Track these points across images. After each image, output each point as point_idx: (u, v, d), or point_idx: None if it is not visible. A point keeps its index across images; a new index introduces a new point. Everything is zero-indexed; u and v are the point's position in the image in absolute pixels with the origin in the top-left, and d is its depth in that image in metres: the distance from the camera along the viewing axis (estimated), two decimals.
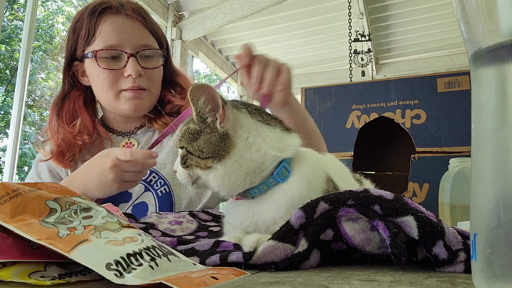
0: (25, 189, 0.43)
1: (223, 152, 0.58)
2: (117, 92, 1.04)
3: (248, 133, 0.60)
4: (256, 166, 0.59)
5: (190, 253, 0.49)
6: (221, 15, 3.87)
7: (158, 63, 1.08)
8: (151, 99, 1.07)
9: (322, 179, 0.61)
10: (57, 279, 0.37)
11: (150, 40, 1.08)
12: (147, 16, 1.09)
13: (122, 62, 1.02)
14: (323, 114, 2.13)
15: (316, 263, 0.48)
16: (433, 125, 1.86)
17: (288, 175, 0.60)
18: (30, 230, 0.37)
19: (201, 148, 0.59)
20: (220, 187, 0.60)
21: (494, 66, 0.32)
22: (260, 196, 0.60)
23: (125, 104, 1.04)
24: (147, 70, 1.05)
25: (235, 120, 0.60)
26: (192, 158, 0.60)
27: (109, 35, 1.02)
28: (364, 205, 0.47)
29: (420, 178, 1.80)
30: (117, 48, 1.02)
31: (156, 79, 1.09)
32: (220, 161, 0.58)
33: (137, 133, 1.13)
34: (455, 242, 0.45)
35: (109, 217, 0.44)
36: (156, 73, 1.08)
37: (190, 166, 0.60)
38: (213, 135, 0.59)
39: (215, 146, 0.58)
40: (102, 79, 1.03)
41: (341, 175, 0.71)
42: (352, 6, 3.65)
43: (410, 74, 4.46)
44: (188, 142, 0.61)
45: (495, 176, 0.31)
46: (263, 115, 0.64)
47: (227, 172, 0.58)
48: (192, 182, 0.62)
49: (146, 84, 1.05)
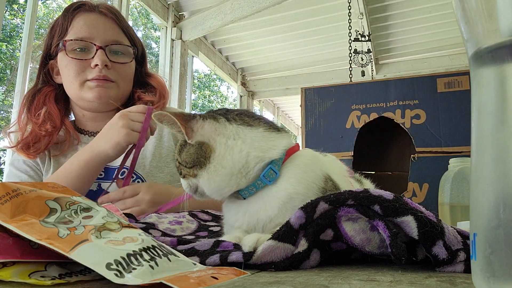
0: (25, 189, 0.43)
1: (203, 159, 0.61)
2: (82, 81, 1.05)
3: (226, 138, 0.61)
4: (240, 167, 0.60)
5: (190, 253, 0.49)
6: (221, 15, 3.87)
7: (127, 60, 1.10)
8: (119, 92, 1.08)
9: (318, 177, 0.61)
10: (57, 279, 0.37)
11: (121, 37, 1.10)
12: (121, 17, 1.13)
13: (91, 54, 1.05)
14: (323, 114, 2.14)
15: (316, 263, 0.48)
16: (433, 125, 1.87)
17: (276, 177, 0.60)
18: (31, 230, 0.37)
19: (184, 159, 0.63)
20: (210, 191, 0.63)
21: (494, 66, 0.32)
22: (251, 197, 0.61)
23: (89, 92, 1.05)
24: (115, 64, 1.07)
25: (210, 129, 0.62)
26: (183, 169, 0.64)
27: (81, 28, 1.05)
28: (364, 205, 0.47)
29: (420, 178, 1.80)
30: (86, 40, 1.04)
31: (125, 74, 1.10)
32: (202, 167, 0.61)
33: None
34: (455, 242, 0.45)
35: (109, 217, 0.44)
36: (125, 68, 1.09)
37: (186, 176, 0.64)
38: (190, 147, 0.62)
39: (194, 155, 0.61)
40: (69, 68, 1.05)
41: (341, 175, 0.71)
42: (352, 6, 3.65)
43: (410, 74, 4.46)
44: (178, 154, 0.65)
45: (495, 176, 0.31)
46: (245, 118, 0.64)
47: (211, 175, 0.61)
48: (194, 192, 0.65)
49: (114, 76, 1.06)
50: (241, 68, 5.57)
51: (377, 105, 2.02)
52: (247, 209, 0.61)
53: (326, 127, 2.11)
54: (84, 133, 1.16)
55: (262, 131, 0.62)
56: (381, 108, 2.01)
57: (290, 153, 0.62)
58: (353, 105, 2.08)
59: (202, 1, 3.95)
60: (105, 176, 1.08)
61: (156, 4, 3.79)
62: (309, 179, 0.60)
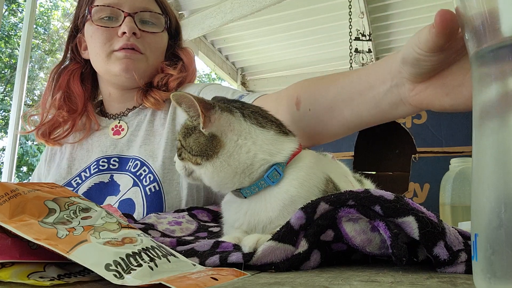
0: (24, 189, 0.42)
1: (211, 152, 0.60)
2: (110, 52, 0.97)
3: (238, 136, 0.61)
4: (245, 167, 0.60)
5: (190, 254, 0.49)
6: (221, 14, 3.86)
7: (158, 29, 1.01)
8: (148, 65, 1.00)
9: (320, 180, 0.61)
10: (56, 279, 0.36)
11: (152, 5, 1.01)
12: None
13: (119, 23, 0.96)
14: None
15: (317, 264, 0.48)
16: (434, 125, 1.86)
17: (280, 178, 0.60)
18: (29, 231, 0.37)
19: (190, 146, 0.62)
20: (210, 183, 0.63)
21: (495, 65, 0.32)
22: (252, 196, 0.61)
23: (116, 64, 0.97)
24: (145, 33, 0.98)
25: (225, 122, 0.61)
26: (185, 152, 0.63)
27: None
28: (365, 206, 0.47)
29: (421, 178, 1.80)
30: (114, 6, 0.96)
31: (155, 45, 1.01)
32: (208, 159, 0.60)
33: (128, 116, 1.05)
34: (456, 242, 0.45)
35: (108, 218, 0.44)
36: (156, 39, 1.01)
37: (184, 159, 0.63)
38: (201, 135, 0.61)
39: (203, 146, 0.60)
40: (95, 38, 0.98)
41: (341, 175, 0.71)
42: (352, 5, 3.64)
43: None
44: (183, 136, 0.63)
45: (496, 176, 0.31)
46: (259, 117, 0.64)
47: (216, 170, 0.60)
48: (187, 175, 0.64)
49: (143, 47, 0.98)
50: (241, 67, 5.57)
51: None
52: (248, 208, 0.61)
53: None
54: (109, 117, 1.08)
55: (272, 134, 0.62)
56: None
57: (293, 155, 0.62)
58: None
59: (201, 1, 3.95)
60: (118, 167, 1.00)
61: None
62: (311, 181, 0.60)
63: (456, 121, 1.84)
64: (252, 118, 0.63)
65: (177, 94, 0.60)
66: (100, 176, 0.99)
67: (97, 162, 1.01)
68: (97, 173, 0.99)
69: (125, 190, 0.95)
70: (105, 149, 1.02)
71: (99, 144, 1.04)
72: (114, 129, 1.04)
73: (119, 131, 1.03)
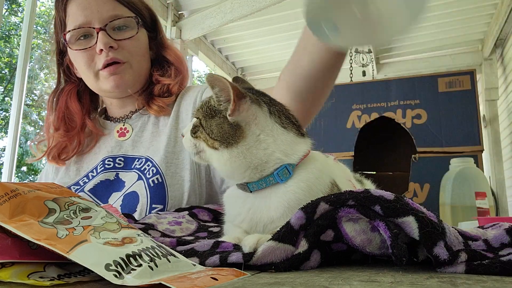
0: (24, 189, 0.42)
1: (232, 141, 0.60)
2: (96, 72, 1.00)
3: (261, 131, 0.61)
4: (259, 163, 0.60)
5: (190, 254, 0.49)
6: (220, 14, 3.86)
7: (133, 33, 1.01)
8: (133, 72, 1.02)
9: (326, 185, 0.61)
10: (56, 279, 0.36)
11: (120, 10, 1.01)
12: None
13: (94, 40, 0.98)
14: (323, 114, 2.13)
15: (317, 264, 0.48)
16: (434, 125, 1.86)
17: (289, 177, 0.60)
18: (29, 231, 0.37)
19: (211, 128, 0.61)
20: (220, 169, 0.62)
21: None
22: (258, 192, 0.61)
23: (106, 83, 1.00)
24: (121, 41, 0.99)
25: (252, 115, 0.61)
26: (202, 132, 0.62)
27: (76, 14, 0.99)
28: (365, 206, 0.47)
29: (421, 178, 1.80)
30: (84, 26, 0.97)
31: (136, 49, 1.02)
32: (227, 147, 0.60)
33: (132, 118, 1.09)
34: (456, 242, 0.45)
35: (108, 218, 0.44)
36: (134, 42, 1.01)
37: (198, 137, 0.62)
38: (225, 122, 0.60)
39: (225, 133, 0.60)
40: (79, 61, 1.01)
41: (345, 179, 0.71)
42: None
43: (410, 74, 4.46)
44: (203, 115, 0.62)
45: None
46: (282, 117, 0.64)
47: (231, 159, 0.60)
48: (195, 153, 0.64)
49: (123, 56, 0.99)
50: (241, 67, 5.57)
51: (378, 105, 2.02)
52: (252, 205, 0.61)
53: (326, 127, 2.11)
54: (113, 120, 1.11)
55: (291, 136, 0.63)
56: (382, 108, 2.01)
57: (304, 156, 0.62)
58: (354, 105, 2.08)
59: (201, 0, 3.95)
60: (124, 166, 1.02)
61: (155, 3, 3.79)
62: (318, 186, 0.60)
63: (456, 121, 1.84)
64: (277, 116, 0.63)
65: (213, 76, 0.59)
66: (106, 174, 1.01)
67: (103, 161, 1.04)
68: (103, 171, 1.01)
69: (130, 185, 0.97)
70: (110, 150, 1.05)
71: (105, 146, 1.07)
72: (119, 131, 1.07)
73: (124, 133, 1.07)
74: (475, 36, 4.71)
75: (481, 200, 1.32)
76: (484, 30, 4.57)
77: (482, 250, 0.47)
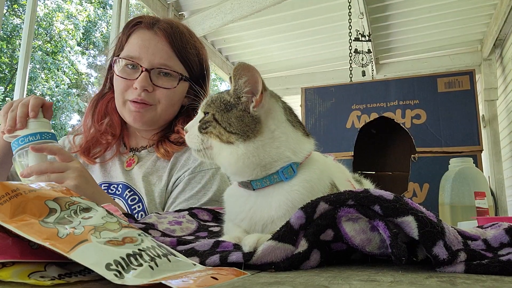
0: (24, 189, 0.42)
1: (251, 134, 0.59)
2: (124, 101, 1.08)
3: (276, 126, 0.60)
4: (269, 162, 0.59)
5: (190, 253, 0.49)
6: (221, 15, 3.86)
7: (173, 85, 1.08)
8: (156, 114, 1.08)
9: (326, 186, 0.61)
10: (56, 279, 0.37)
11: (172, 61, 1.08)
12: (178, 37, 1.09)
13: (137, 75, 1.06)
14: (323, 114, 2.13)
15: (316, 263, 0.48)
16: (433, 125, 1.86)
17: (293, 176, 0.60)
18: (30, 230, 0.37)
19: (230, 122, 0.59)
20: (230, 166, 0.61)
21: None
22: (261, 190, 0.60)
23: (128, 114, 1.08)
24: (158, 88, 1.07)
25: (269, 109, 0.60)
26: (215, 127, 0.60)
27: (133, 46, 1.07)
28: (364, 205, 0.47)
29: (420, 178, 1.80)
30: (134, 60, 1.06)
31: (167, 99, 1.08)
32: (245, 141, 0.59)
33: (141, 152, 1.16)
34: (455, 242, 0.45)
35: (109, 217, 0.44)
36: (168, 93, 1.08)
37: (209, 133, 0.60)
38: (246, 114, 0.59)
39: (246, 126, 0.59)
40: (117, 85, 1.09)
41: (344, 179, 0.72)
42: (352, 6, 3.64)
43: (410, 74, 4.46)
44: (217, 110, 0.61)
45: None
46: (292, 116, 0.65)
47: (246, 154, 0.59)
48: (201, 149, 0.62)
49: (153, 100, 1.07)
50: None
51: (377, 105, 2.02)
52: (254, 203, 0.60)
53: (326, 127, 2.11)
54: (127, 147, 1.19)
55: (300, 135, 0.63)
56: (381, 108, 2.01)
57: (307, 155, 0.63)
58: (353, 105, 2.08)
59: (201, 1, 3.95)
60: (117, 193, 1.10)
61: (155, 4, 3.79)
62: (320, 187, 0.60)
63: (455, 121, 1.84)
64: (288, 113, 0.63)
65: (245, 65, 0.58)
66: None
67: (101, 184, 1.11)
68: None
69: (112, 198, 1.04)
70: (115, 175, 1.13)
71: (115, 169, 1.14)
72: (128, 161, 1.15)
73: (130, 163, 1.14)
74: (474, 36, 4.71)
75: (480, 200, 1.32)
76: (483, 30, 4.58)
77: (481, 250, 0.47)
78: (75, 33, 10.95)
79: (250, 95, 0.60)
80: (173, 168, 1.11)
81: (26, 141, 0.82)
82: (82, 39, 11.37)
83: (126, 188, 1.09)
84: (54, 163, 0.84)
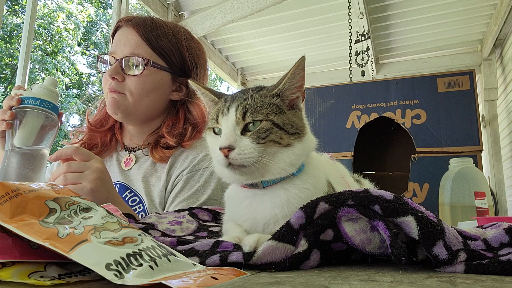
0: (24, 189, 0.42)
1: (303, 132, 0.59)
2: (106, 93, 1.11)
3: (306, 121, 0.62)
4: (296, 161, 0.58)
5: (190, 253, 0.49)
6: (221, 15, 3.86)
7: (138, 71, 1.08)
8: (129, 104, 1.09)
9: (325, 183, 0.62)
10: (56, 279, 0.37)
11: (140, 49, 1.09)
12: (148, 27, 1.10)
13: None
14: (323, 114, 2.14)
15: (316, 263, 0.48)
16: (433, 125, 1.86)
17: (302, 170, 0.60)
18: (30, 230, 0.37)
19: (291, 122, 0.58)
20: (281, 170, 0.56)
21: None
22: (269, 188, 0.60)
23: (108, 105, 1.11)
24: (128, 76, 1.08)
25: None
26: (277, 133, 0.56)
27: (113, 44, 1.13)
28: (364, 205, 0.47)
29: (420, 178, 1.80)
30: (111, 54, 1.10)
31: (135, 86, 1.08)
32: (300, 138, 0.58)
33: (136, 152, 1.18)
34: (455, 242, 0.45)
35: (109, 217, 0.44)
36: (137, 81, 1.08)
37: (271, 141, 0.56)
38: (297, 112, 0.60)
39: (301, 122, 0.60)
40: (103, 81, 1.13)
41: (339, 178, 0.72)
42: (352, 6, 3.64)
43: (410, 74, 4.46)
44: (274, 114, 0.57)
45: None
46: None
47: (299, 152, 0.58)
48: (252, 164, 0.55)
49: (122, 89, 1.09)
50: (241, 68, 5.56)
51: (377, 105, 2.02)
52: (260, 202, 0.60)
53: (326, 127, 2.11)
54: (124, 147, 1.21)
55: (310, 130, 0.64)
56: (381, 108, 2.01)
57: None
58: (353, 105, 2.08)
59: (201, 1, 3.95)
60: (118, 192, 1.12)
61: (155, 4, 3.79)
62: (321, 185, 0.61)
63: (455, 121, 1.84)
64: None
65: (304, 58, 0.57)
66: None
67: None
68: None
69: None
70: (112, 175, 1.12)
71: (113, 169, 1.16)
72: (125, 161, 1.17)
73: (129, 163, 1.16)
74: (474, 36, 4.71)
75: (480, 200, 1.32)
76: (483, 30, 4.58)
77: (481, 250, 0.47)
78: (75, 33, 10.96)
79: (296, 91, 0.59)
80: (171, 167, 1.11)
81: (25, 102, 0.80)
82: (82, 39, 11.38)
83: (125, 189, 1.10)
84: (72, 163, 0.82)
